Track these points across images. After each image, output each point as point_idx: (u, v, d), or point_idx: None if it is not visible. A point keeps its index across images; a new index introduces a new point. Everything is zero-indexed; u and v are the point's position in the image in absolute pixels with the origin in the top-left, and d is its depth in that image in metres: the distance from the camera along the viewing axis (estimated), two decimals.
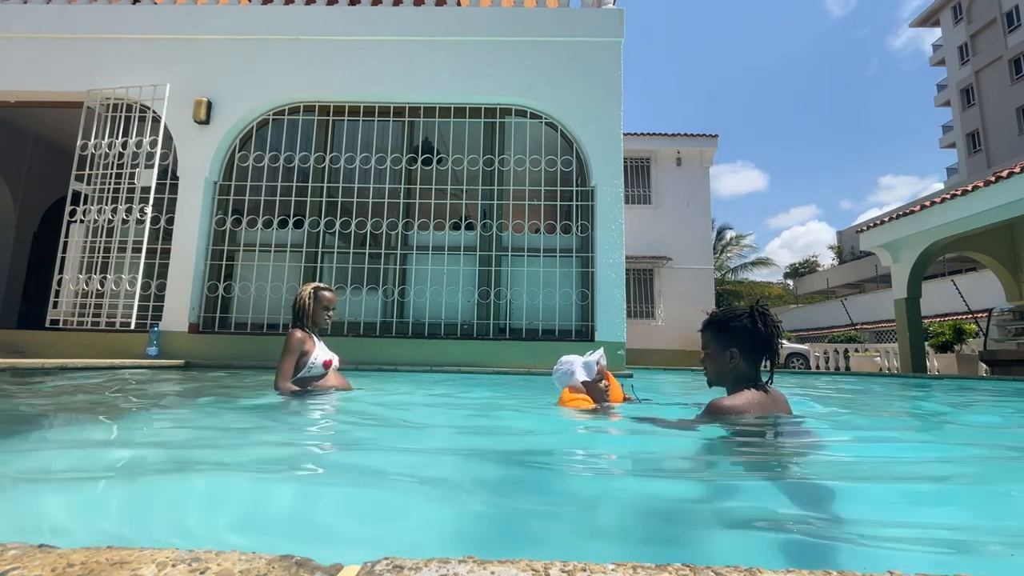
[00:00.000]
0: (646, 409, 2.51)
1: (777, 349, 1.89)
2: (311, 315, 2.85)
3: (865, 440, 2.04)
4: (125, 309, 5.71)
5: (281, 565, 0.51)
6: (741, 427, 1.75)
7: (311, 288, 2.89)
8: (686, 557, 0.57)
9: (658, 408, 2.58)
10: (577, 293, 6.14)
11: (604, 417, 2.30)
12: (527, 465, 1.44)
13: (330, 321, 2.93)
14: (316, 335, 2.88)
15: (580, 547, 0.87)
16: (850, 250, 37.40)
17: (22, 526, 0.90)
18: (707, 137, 15.81)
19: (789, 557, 0.84)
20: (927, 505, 1.14)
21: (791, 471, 1.38)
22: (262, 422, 2.19)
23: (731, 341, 1.91)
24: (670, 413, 2.18)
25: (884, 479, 1.34)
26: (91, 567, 0.50)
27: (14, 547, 0.54)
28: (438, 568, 0.51)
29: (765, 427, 1.77)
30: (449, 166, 6.49)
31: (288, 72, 6.41)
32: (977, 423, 2.86)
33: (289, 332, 2.77)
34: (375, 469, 1.35)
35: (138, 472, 1.30)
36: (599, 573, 0.51)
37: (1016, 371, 8.51)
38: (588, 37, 6.37)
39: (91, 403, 2.66)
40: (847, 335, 16.92)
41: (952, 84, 33.25)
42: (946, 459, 1.71)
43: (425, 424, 2.28)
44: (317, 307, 2.86)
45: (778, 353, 1.91)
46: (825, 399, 3.85)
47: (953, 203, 8.73)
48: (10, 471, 1.25)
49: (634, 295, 14.89)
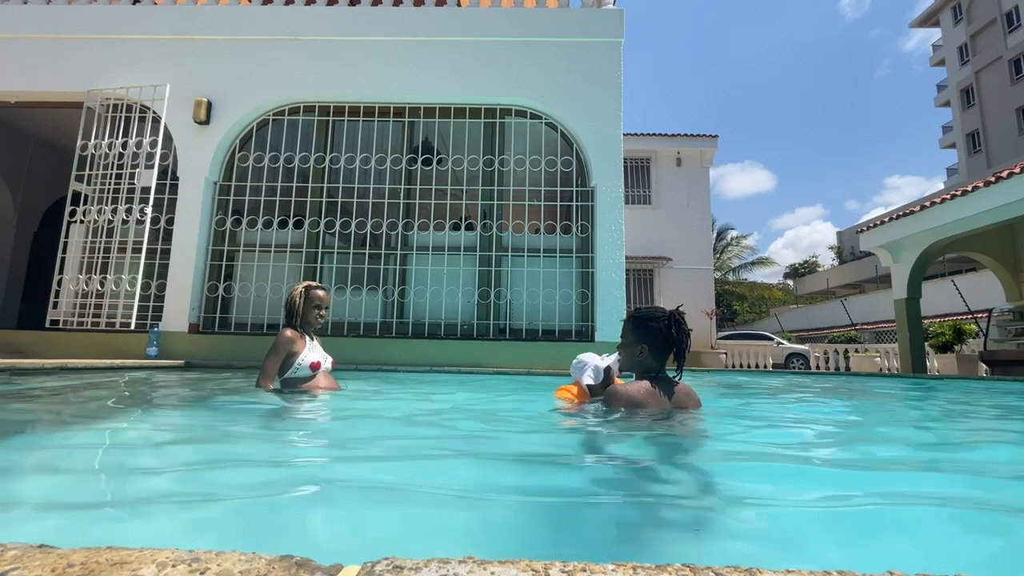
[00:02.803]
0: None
1: (683, 352, 2.10)
2: (302, 314, 2.79)
3: (738, 431, 2.15)
4: (125, 309, 5.71)
5: (281, 565, 0.51)
6: (630, 413, 2.02)
7: (302, 287, 2.84)
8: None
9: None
10: (577, 293, 6.14)
11: (565, 414, 2.44)
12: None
13: (322, 320, 2.87)
14: (310, 335, 2.84)
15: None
16: (850, 250, 37.42)
17: (21, 526, 0.90)
18: (707, 137, 15.82)
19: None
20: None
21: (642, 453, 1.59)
22: (259, 423, 2.19)
23: (643, 337, 2.12)
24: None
25: (718, 459, 1.56)
26: (91, 567, 0.50)
27: (14, 547, 0.54)
28: (438, 568, 0.51)
29: (653, 415, 2.01)
30: (449, 166, 6.49)
31: (288, 72, 6.41)
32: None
33: (279, 331, 2.72)
34: (373, 469, 1.35)
35: (137, 472, 1.30)
36: (599, 573, 0.51)
37: (1016, 371, 8.51)
38: (588, 37, 6.37)
39: (91, 403, 2.66)
40: (847, 335, 16.93)
41: (952, 84, 33.27)
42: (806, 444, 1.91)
43: (417, 423, 2.28)
44: (308, 306, 2.80)
45: (684, 355, 2.11)
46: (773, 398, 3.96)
47: (953, 203, 8.73)
48: (8, 471, 1.25)
49: (634, 295, 14.90)
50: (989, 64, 30.15)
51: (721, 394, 3.92)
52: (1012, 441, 2.21)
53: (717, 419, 2.27)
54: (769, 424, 2.49)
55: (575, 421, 2.26)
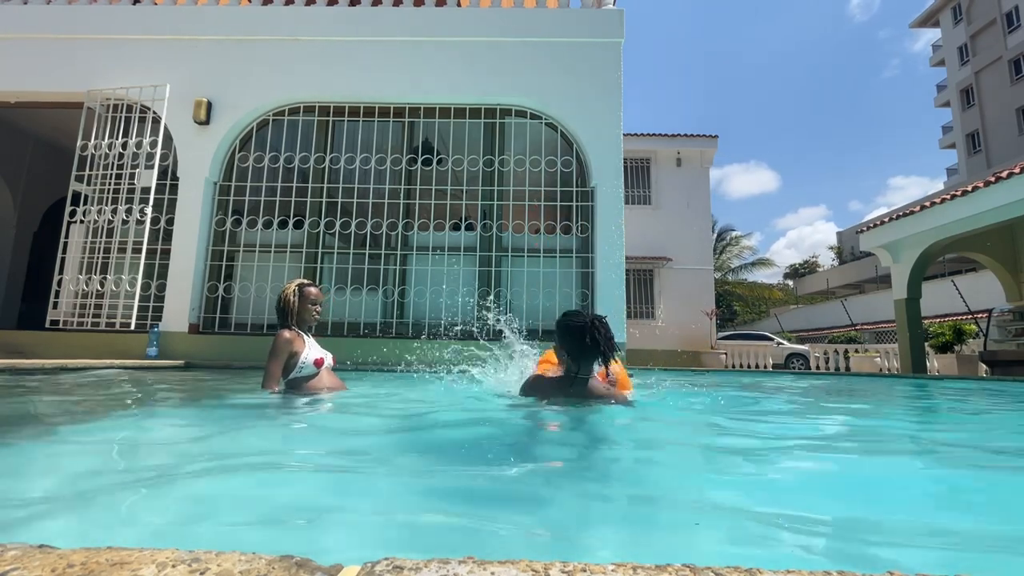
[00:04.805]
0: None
1: (600, 356, 2.21)
2: (297, 313, 2.74)
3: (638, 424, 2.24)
4: (125, 310, 5.71)
5: (281, 565, 0.51)
6: (538, 402, 2.31)
7: (295, 285, 2.79)
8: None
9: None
10: (577, 293, 6.14)
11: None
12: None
13: (317, 318, 2.83)
14: (307, 333, 2.80)
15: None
16: (850, 251, 37.42)
17: (21, 526, 0.90)
18: (707, 138, 15.82)
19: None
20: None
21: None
22: (259, 424, 2.19)
23: (562, 341, 2.27)
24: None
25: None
26: (91, 567, 0.50)
27: (14, 547, 0.54)
28: (438, 568, 0.51)
29: (554, 405, 2.25)
30: (449, 167, 6.49)
31: (288, 72, 6.41)
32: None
33: (277, 333, 2.66)
34: (372, 470, 1.36)
35: (137, 473, 1.30)
36: (599, 573, 0.51)
37: (1016, 371, 8.50)
38: (588, 37, 6.37)
39: (90, 404, 2.65)
40: (847, 335, 16.93)
41: (952, 84, 33.26)
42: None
43: (418, 423, 2.28)
44: (303, 304, 2.75)
45: (607, 358, 2.24)
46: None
47: (953, 204, 8.73)
48: (8, 471, 1.25)
49: (634, 295, 14.90)
50: (989, 64, 30.15)
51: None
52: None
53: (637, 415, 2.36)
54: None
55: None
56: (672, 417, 2.63)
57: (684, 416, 2.73)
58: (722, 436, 2.10)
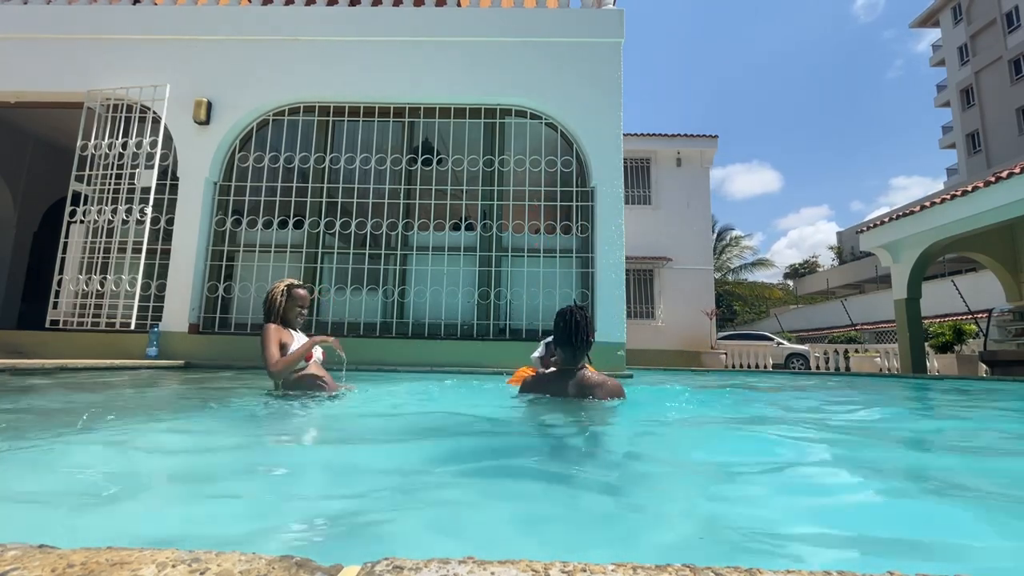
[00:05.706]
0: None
1: (582, 345, 2.26)
2: (283, 312, 2.74)
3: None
4: (125, 310, 5.70)
5: (281, 565, 0.51)
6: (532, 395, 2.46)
7: (284, 285, 2.79)
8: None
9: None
10: (577, 293, 6.14)
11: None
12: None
13: (303, 320, 2.84)
14: (294, 328, 2.81)
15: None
16: (850, 251, 37.40)
17: (21, 526, 0.90)
18: (707, 138, 15.81)
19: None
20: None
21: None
22: (260, 424, 2.19)
23: (553, 334, 2.38)
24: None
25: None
26: (91, 567, 0.50)
27: (14, 547, 0.54)
28: (438, 568, 0.51)
29: (549, 399, 2.36)
30: (449, 166, 6.49)
31: (288, 72, 6.41)
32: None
33: (263, 326, 2.67)
34: (371, 469, 1.35)
35: (136, 472, 1.30)
36: (599, 573, 0.51)
37: (1016, 372, 8.50)
38: (588, 37, 6.37)
39: (90, 404, 2.65)
40: (847, 335, 16.93)
41: (952, 84, 33.25)
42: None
43: (417, 423, 2.28)
44: (290, 304, 2.76)
45: (584, 348, 2.28)
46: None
47: (953, 204, 8.72)
48: (9, 471, 1.25)
49: (634, 295, 14.88)
50: (989, 64, 30.14)
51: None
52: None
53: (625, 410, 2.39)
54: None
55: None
56: (671, 416, 2.63)
57: (682, 415, 2.73)
58: (719, 434, 2.11)
